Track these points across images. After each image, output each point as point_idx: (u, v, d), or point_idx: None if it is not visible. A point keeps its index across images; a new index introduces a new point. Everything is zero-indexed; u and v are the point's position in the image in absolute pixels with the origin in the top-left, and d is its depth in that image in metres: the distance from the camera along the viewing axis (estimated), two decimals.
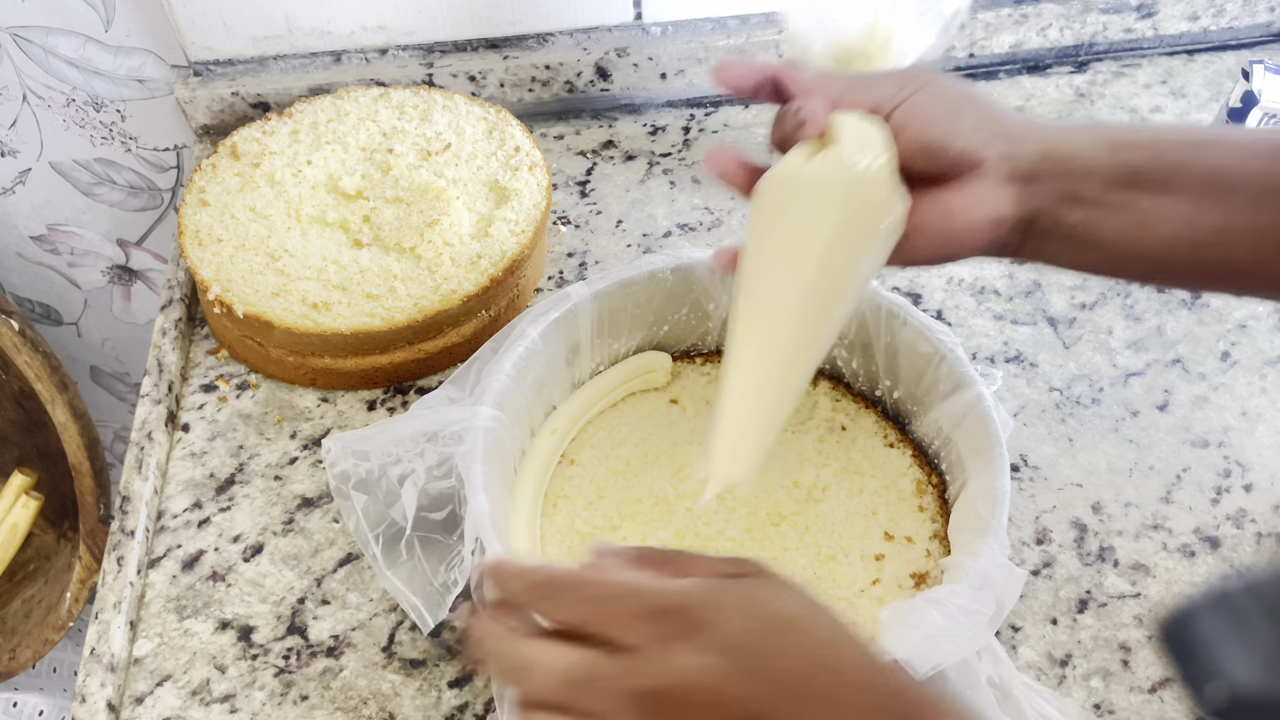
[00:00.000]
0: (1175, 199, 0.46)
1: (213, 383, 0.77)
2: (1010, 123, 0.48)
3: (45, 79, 0.90)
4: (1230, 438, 0.71)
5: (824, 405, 0.69)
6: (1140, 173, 0.46)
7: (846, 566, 0.62)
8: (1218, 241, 0.46)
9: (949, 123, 0.47)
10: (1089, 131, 0.48)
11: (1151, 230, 0.47)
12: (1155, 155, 0.46)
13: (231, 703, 0.62)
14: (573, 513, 0.65)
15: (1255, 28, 0.95)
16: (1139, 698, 0.60)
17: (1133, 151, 0.47)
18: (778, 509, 0.64)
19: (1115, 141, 0.47)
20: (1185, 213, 0.46)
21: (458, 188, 0.78)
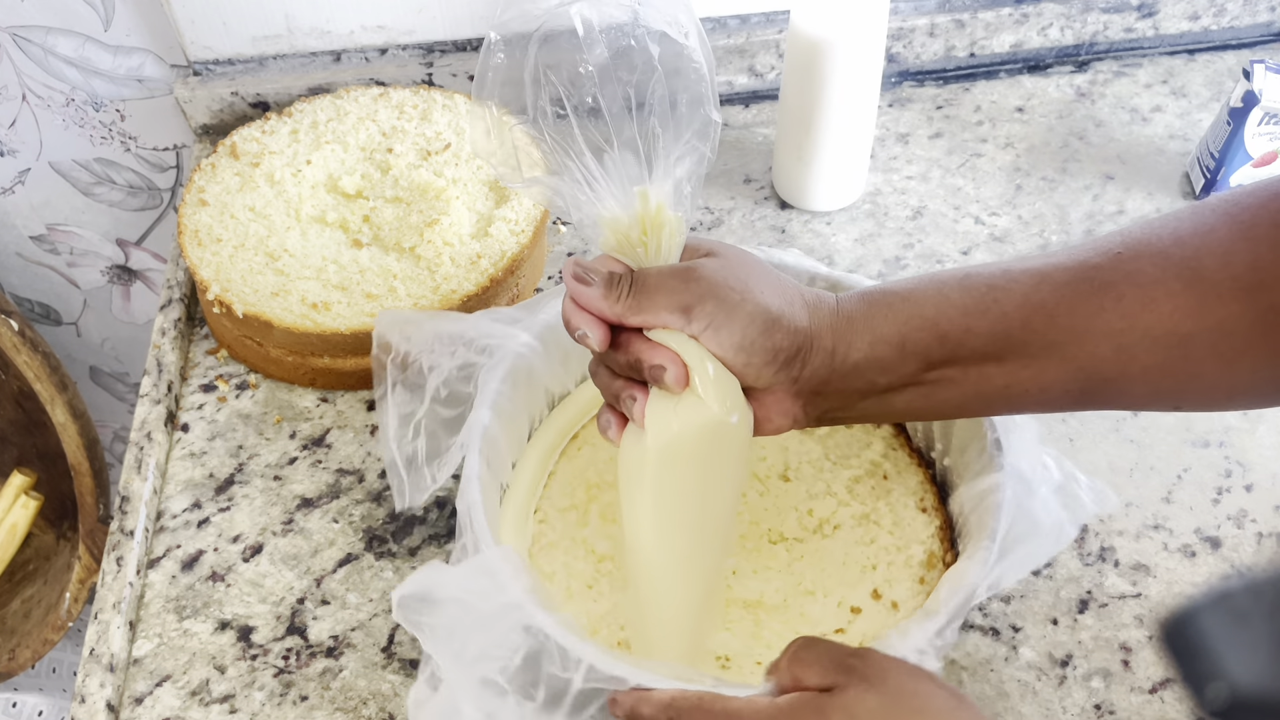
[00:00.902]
0: (959, 371, 0.49)
1: (212, 383, 0.77)
2: (795, 338, 0.49)
3: (45, 79, 0.90)
4: (1231, 438, 0.71)
5: (876, 448, 0.66)
6: (928, 361, 0.49)
7: (820, 606, 0.60)
8: (1002, 400, 0.49)
9: (745, 355, 0.48)
10: (877, 324, 0.49)
11: (943, 401, 0.50)
12: (940, 336, 0.48)
13: (231, 703, 0.62)
14: (593, 458, 0.65)
15: (1256, 27, 0.95)
16: (1140, 698, 0.60)
17: (919, 339, 0.48)
18: (781, 529, 0.63)
19: (902, 336, 0.48)
20: (971, 382, 0.49)
21: (457, 187, 0.78)
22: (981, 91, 0.93)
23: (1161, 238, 0.46)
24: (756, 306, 0.48)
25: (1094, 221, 0.83)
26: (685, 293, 0.48)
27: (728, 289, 0.48)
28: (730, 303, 0.48)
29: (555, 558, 0.62)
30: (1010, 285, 0.48)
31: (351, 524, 0.69)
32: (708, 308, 0.48)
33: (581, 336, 0.49)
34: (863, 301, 0.50)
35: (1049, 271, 0.48)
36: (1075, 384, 0.48)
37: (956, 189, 0.86)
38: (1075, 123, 0.90)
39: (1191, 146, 0.88)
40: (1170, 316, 0.45)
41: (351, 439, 0.73)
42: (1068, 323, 0.47)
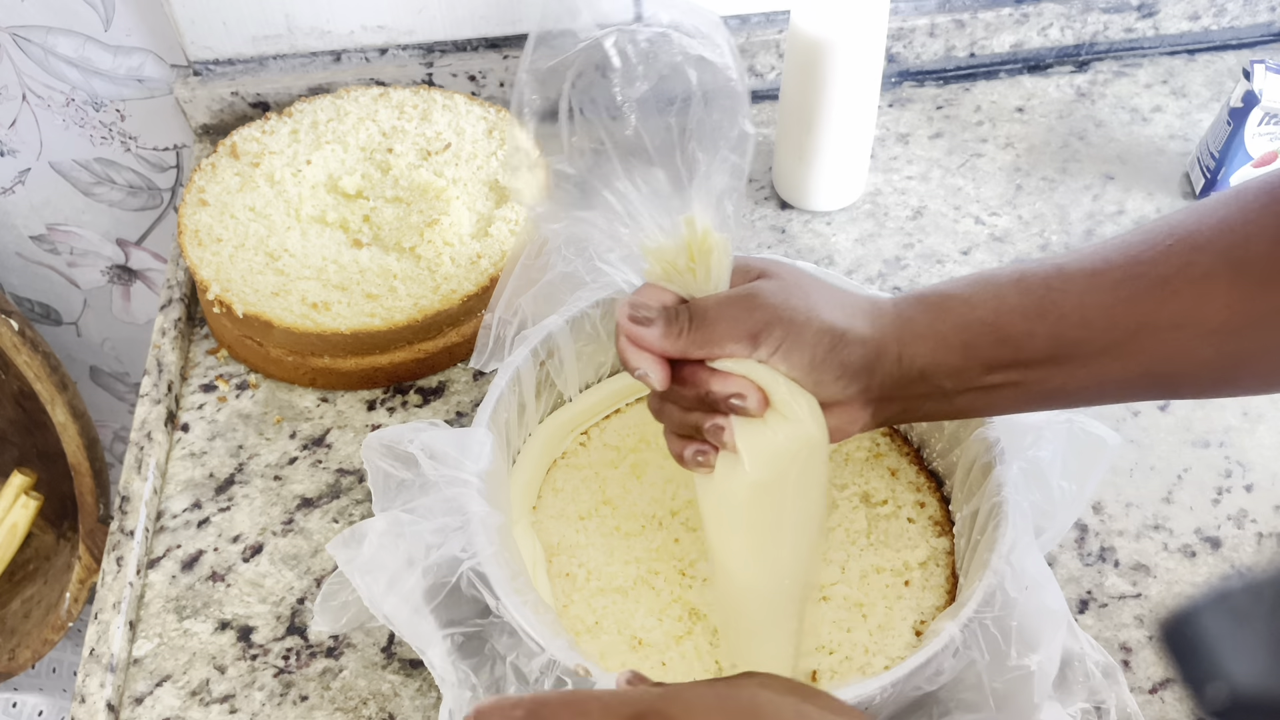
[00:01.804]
0: (1021, 374, 0.49)
1: (212, 383, 0.77)
2: (863, 347, 0.48)
3: (45, 79, 0.90)
4: (1231, 438, 0.71)
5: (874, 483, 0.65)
6: (989, 362, 0.49)
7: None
8: (1060, 396, 0.50)
9: (816, 371, 0.48)
10: (941, 327, 0.49)
11: (1003, 401, 0.50)
12: (1001, 342, 0.48)
13: (231, 703, 0.62)
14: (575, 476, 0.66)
15: (1256, 27, 0.95)
16: (1140, 698, 0.60)
17: (981, 342, 0.48)
18: None
19: (966, 340, 0.49)
20: (1032, 384, 0.49)
21: (458, 187, 0.78)
22: (981, 91, 0.93)
23: (1210, 226, 0.47)
24: (822, 324, 0.48)
25: (1094, 221, 0.83)
26: (749, 320, 0.47)
27: (791, 310, 0.48)
28: (796, 324, 0.47)
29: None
30: (1066, 286, 0.48)
31: (351, 524, 0.69)
32: (775, 333, 0.47)
33: (642, 376, 0.49)
34: (921, 305, 0.50)
35: (1103, 269, 0.48)
36: (1134, 380, 0.48)
37: (957, 189, 0.86)
38: (1075, 123, 0.90)
39: (1192, 146, 0.88)
40: (1225, 309, 0.45)
41: (351, 439, 0.73)
42: (1125, 321, 0.47)
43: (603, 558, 0.62)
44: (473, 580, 0.53)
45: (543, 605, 0.54)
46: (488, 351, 0.65)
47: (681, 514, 0.64)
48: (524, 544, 0.62)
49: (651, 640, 0.59)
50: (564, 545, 0.63)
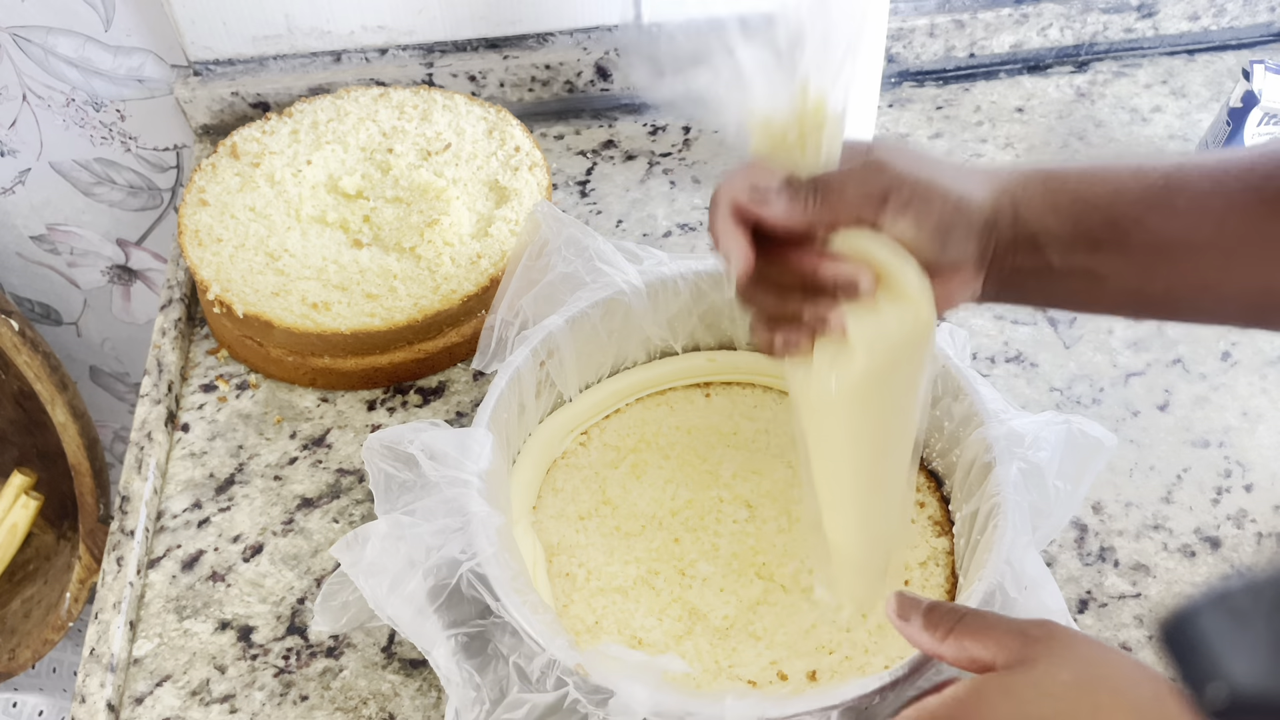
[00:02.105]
0: (1126, 263, 0.48)
1: (212, 383, 0.77)
2: (981, 207, 0.48)
3: (45, 79, 0.90)
4: (1231, 438, 0.71)
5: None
6: (1097, 241, 0.48)
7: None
8: (1163, 301, 0.49)
9: (938, 234, 0.47)
10: (1052, 195, 0.48)
11: (1104, 292, 0.49)
12: (1110, 223, 0.47)
13: (231, 703, 0.62)
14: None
15: (1256, 27, 0.95)
16: None
17: (1091, 218, 0.48)
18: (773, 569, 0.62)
19: (1077, 213, 0.48)
20: (1133, 278, 0.48)
21: (458, 187, 0.78)
22: (981, 92, 0.93)
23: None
24: (947, 187, 0.47)
25: None
26: (878, 182, 0.46)
27: (916, 173, 0.46)
28: (923, 185, 0.46)
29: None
30: (1184, 184, 0.47)
31: (352, 524, 0.69)
32: (904, 192, 0.46)
33: (727, 254, 0.47)
34: (1039, 175, 0.49)
35: (1221, 176, 0.47)
36: (1234, 295, 0.47)
37: None
38: (1075, 123, 0.90)
39: (1191, 146, 0.88)
40: None
41: (352, 439, 0.73)
42: (1239, 228, 0.46)
43: (603, 558, 0.62)
44: (473, 581, 0.53)
45: (542, 605, 0.54)
46: (490, 353, 0.65)
47: (681, 514, 0.64)
48: (524, 544, 0.62)
49: (651, 640, 0.59)
50: (564, 545, 0.63)
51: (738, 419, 0.69)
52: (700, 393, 0.70)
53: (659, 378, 0.70)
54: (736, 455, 0.66)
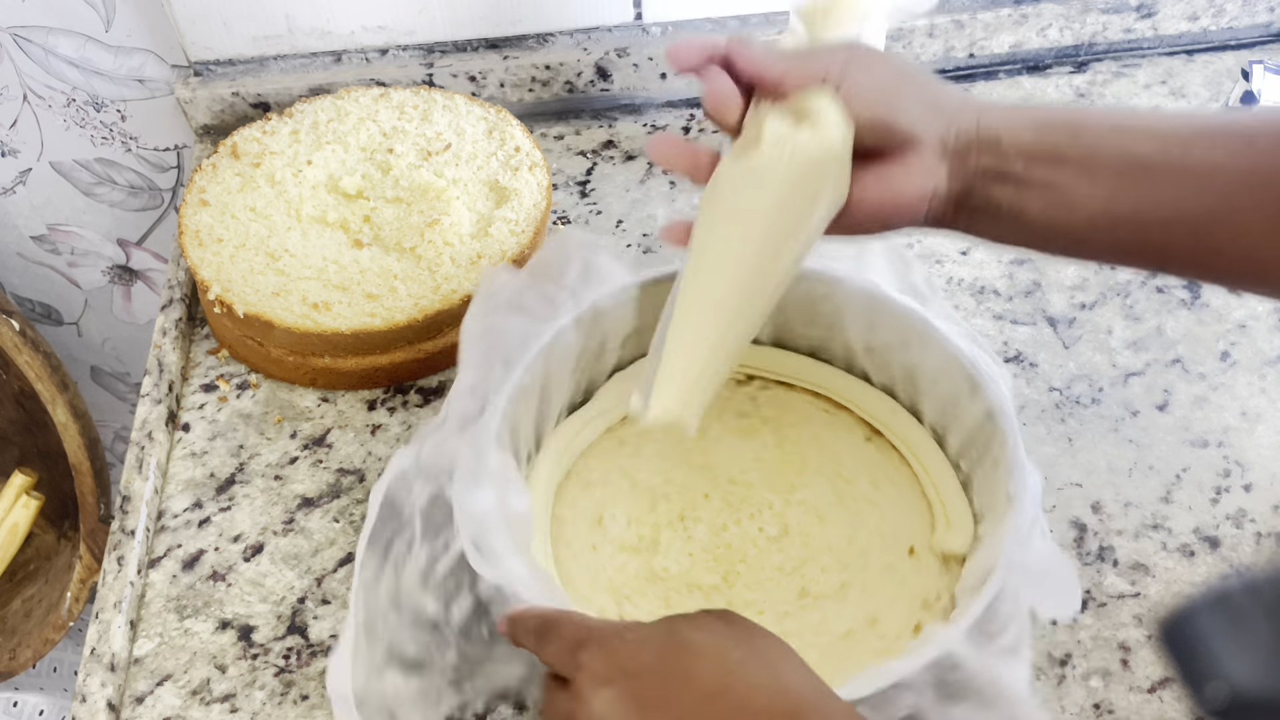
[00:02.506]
0: (1094, 180, 0.48)
1: (213, 382, 0.77)
2: (946, 100, 0.50)
3: (45, 79, 0.90)
4: (1230, 438, 0.71)
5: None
6: (1062, 153, 0.49)
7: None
8: (1132, 223, 0.49)
9: (893, 99, 0.49)
10: (1018, 111, 0.50)
11: (1072, 210, 0.49)
12: (1075, 136, 0.49)
13: (232, 702, 0.62)
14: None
15: (1255, 28, 0.95)
16: (1139, 697, 0.61)
17: (1056, 131, 0.49)
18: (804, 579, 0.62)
19: (1040, 121, 0.49)
20: (1102, 195, 0.48)
21: (458, 188, 0.78)
22: (981, 92, 0.93)
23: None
24: (914, 72, 0.50)
25: None
26: (846, 50, 0.49)
27: (889, 59, 0.50)
28: (890, 64, 0.50)
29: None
30: (1149, 118, 0.49)
31: (352, 524, 0.69)
32: (866, 60, 0.49)
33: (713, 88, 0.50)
34: (1007, 102, 0.52)
35: (1187, 120, 0.49)
36: (1187, 230, 0.48)
37: None
38: None
39: None
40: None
41: (352, 439, 0.73)
42: (1204, 157, 0.47)
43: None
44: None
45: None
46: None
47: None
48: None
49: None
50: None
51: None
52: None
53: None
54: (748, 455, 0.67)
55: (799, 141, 0.48)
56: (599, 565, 0.62)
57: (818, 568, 0.61)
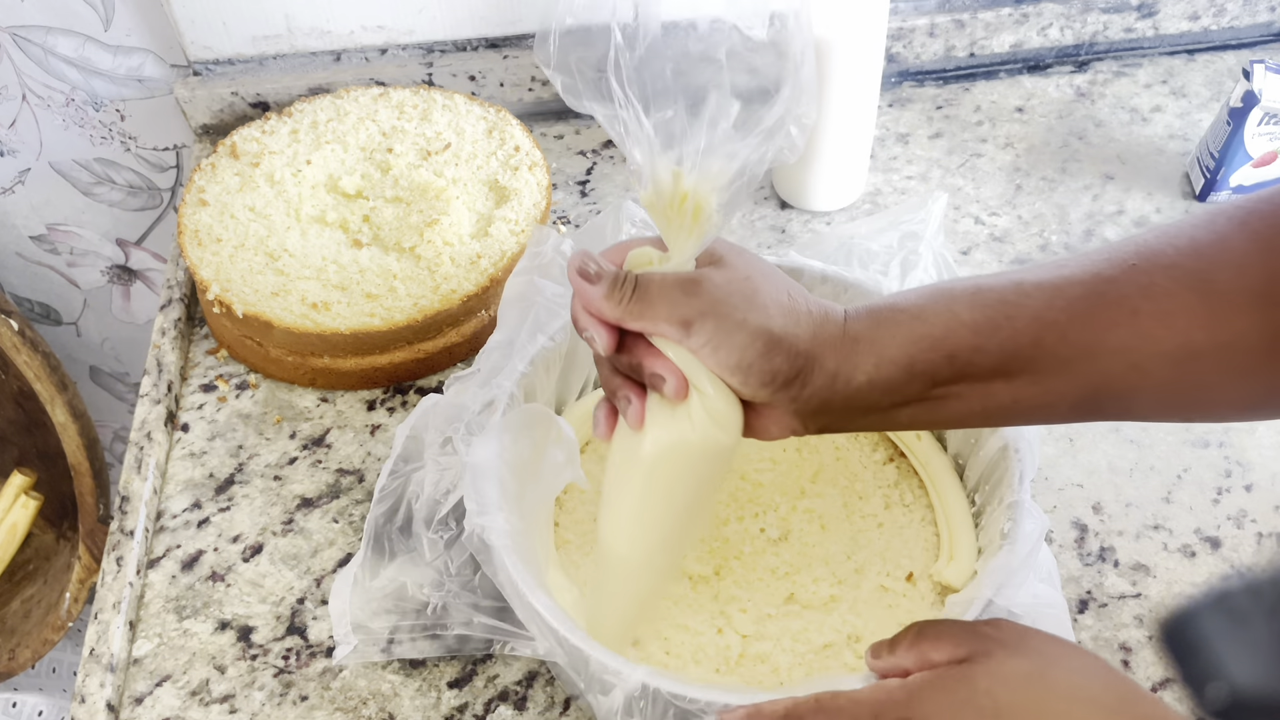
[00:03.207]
0: (966, 389, 0.48)
1: (212, 383, 0.77)
2: (783, 352, 0.47)
3: (45, 78, 0.90)
4: (1231, 438, 0.71)
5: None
6: (935, 380, 0.48)
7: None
8: (1008, 414, 0.49)
9: (737, 373, 0.47)
10: (882, 344, 0.48)
11: (941, 417, 0.49)
12: (947, 358, 0.47)
13: (231, 703, 0.62)
14: None
15: (1256, 27, 0.95)
16: None
17: (926, 360, 0.47)
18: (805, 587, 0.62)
19: (911, 358, 0.47)
20: (977, 398, 0.48)
21: (457, 187, 0.78)
22: (981, 91, 0.93)
23: (1177, 248, 0.45)
24: (758, 327, 0.47)
25: (1094, 221, 0.83)
26: (686, 306, 0.47)
27: (730, 306, 0.47)
28: (731, 321, 0.47)
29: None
30: (1023, 300, 0.47)
31: (351, 524, 0.69)
32: (708, 325, 0.47)
33: (589, 338, 0.49)
34: (870, 320, 0.48)
35: (1062, 285, 0.47)
36: (1084, 399, 0.47)
37: (956, 189, 0.86)
38: (1075, 123, 0.90)
39: (1191, 146, 0.88)
40: (1184, 331, 0.44)
41: (351, 439, 0.73)
42: (1080, 339, 0.46)
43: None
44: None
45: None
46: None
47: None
48: None
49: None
50: None
51: None
52: None
53: None
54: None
55: (680, 436, 0.49)
56: (593, 532, 0.63)
57: (810, 577, 0.61)
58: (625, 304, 0.48)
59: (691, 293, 0.47)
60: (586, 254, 0.48)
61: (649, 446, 0.49)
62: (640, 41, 0.46)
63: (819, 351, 0.48)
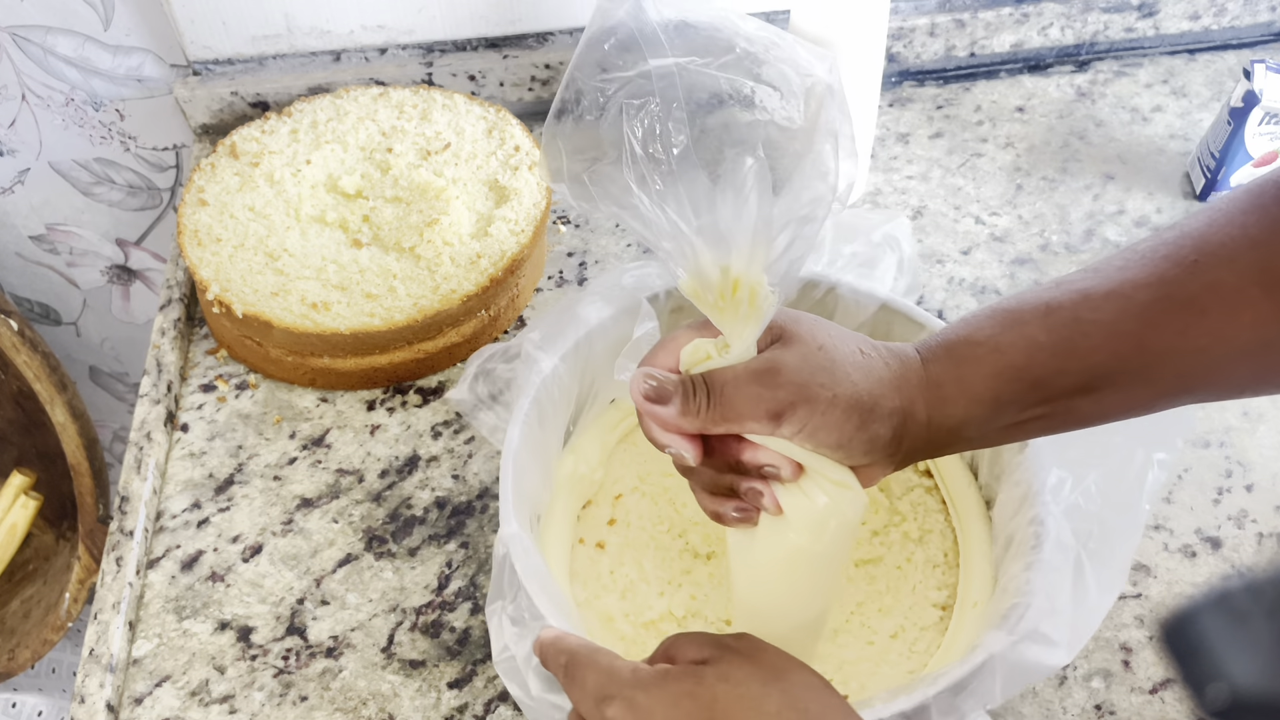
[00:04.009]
0: (1049, 409, 0.48)
1: (212, 383, 0.77)
2: (880, 416, 0.47)
3: (44, 78, 0.90)
4: (1231, 438, 0.71)
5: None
6: (1020, 407, 0.47)
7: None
8: (1089, 420, 0.49)
9: (839, 450, 0.47)
10: (967, 382, 0.47)
11: (1024, 435, 0.49)
12: (1031, 386, 0.47)
13: (230, 703, 0.62)
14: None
15: (1256, 27, 0.95)
16: (1140, 698, 0.60)
17: (1012, 391, 0.47)
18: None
19: (996, 392, 0.47)
20: (1059, 416, 0.48)
21: (457, 187, 0.78)
22: (982, 91, 0.93)
23: (1234, 239, 0.45)
24: (849, 400, 0.46)
25: (1094, 221, 0.83)
26: (771, 399, 0.45)
27: (815, 386, 0.45)
28: (821, 402, 0.45)
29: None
30: (1095, 315, 0.46)
31: (351, 524, 0.69)
32: (798, 413, 0.45)
33: (674, 455, 0.48)
34: (949, 358, 0.48)
35: (1129, 292, 0.46)
36: (1166, 398, 0.48)
37: (957, 189, 0.86)
38: (1075, 122, 0.90)
39: (1192, 146, 0.88)
40: (1253, 326, 0.44)
41: (351, 439, 0.73)
42: (1156, 346, 0.46)
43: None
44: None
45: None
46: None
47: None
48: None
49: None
50: None
51: None
52: None
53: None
54: None
55: (821, 513, 0.48)
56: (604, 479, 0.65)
57: None
58: (705, 413, 0.46)
59: (771, 384, 0.46)
60: (646, 373, 0.47)
61: (797, 531, 0.48)
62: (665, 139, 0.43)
63: (909, 405, 0.47)
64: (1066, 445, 0.56)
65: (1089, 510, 0.55)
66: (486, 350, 0.64)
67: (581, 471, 0.65)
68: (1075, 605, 0.52)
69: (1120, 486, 0.55)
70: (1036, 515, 0.55)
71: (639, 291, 0.63)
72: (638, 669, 0.44)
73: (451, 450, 0.72)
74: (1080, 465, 0.56)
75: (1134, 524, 0.54)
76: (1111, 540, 0.54)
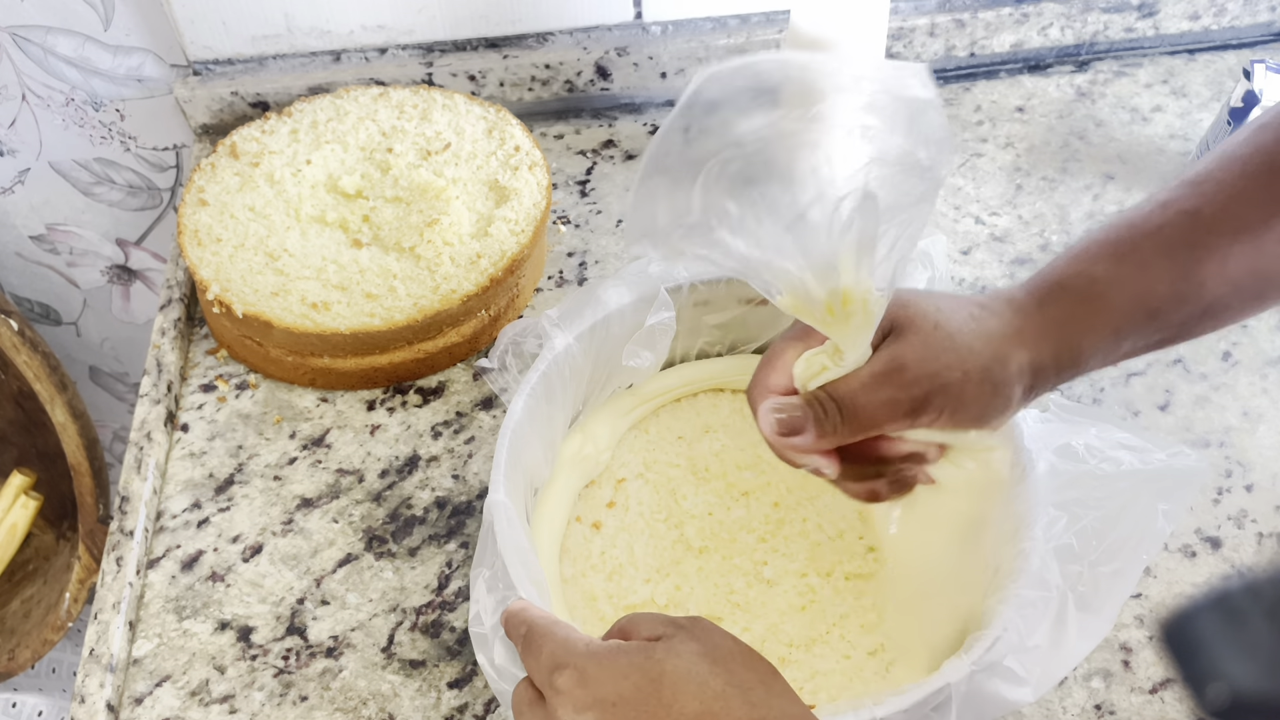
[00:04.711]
0: (1171, 334, 0.49)
1: (212, 383, 0.77)
2: (1011, 377, 0.47)
3: (44, 78, 0.90)
4: (1231, 438, 0.71)
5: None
6: (1141, 336, 0.49)
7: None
8: (1199, 335, 0.51)
9: (980, 422, 0.47)
10: (1091, 320, 0.48)
11: (1139, 354, 0.51)
12: (1151, 315, 0.48)
13: (231, 703, 0.62)
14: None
15: (1256, 27, 0.95)
16: (1140, 698, 0.60)
17: (1134, 324, 0.48)
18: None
19: (1118, 327, 0.48)
20: (1176, 338, 0.50)
21: (457, 187, 0.78)
22: (982, 91, 0.93)
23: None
24: (980, 373, 0.45)
25: (1094, 221, 0.83)
26: (906, 397, 0.45)
27: (944, 370, 0.45)
28: (954, 384, 0.45)
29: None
30: (1209, 241, 0.47)
31: (351, 524, 0.69)
32: (933, 403, 0.45)
33: (815, 470, 0.48)
34: (1067, 298, 0.47)
35: (1244, 214, 0.47)
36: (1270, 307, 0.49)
37: (957, 189, 0.86)
38: (1075, 122, 0.90)
39: (1192, 146, 0.88)
40: None
41: (351, 439, 0.73)
42: (1273, 273, 0.47)
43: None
44: None
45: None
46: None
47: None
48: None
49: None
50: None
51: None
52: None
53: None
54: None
55: (974, 477, 0.50)
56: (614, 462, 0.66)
57: (798, 575, 0.62)
58: (840, 430, 0.46)
59: (900, 382, 0.45)
60: (773, 406, 0.47)
61: (953, 498, 0.50)
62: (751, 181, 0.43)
63: (1035, 355, 0.47)
64: (1067, 485, 0.56)
65: (1082, 553, 0.54)
66: (519, 324, 0.64)
67: (587, 451, 0.65)
68: (1052, 645, 0.51)
69: (1118, 532, 0.55)
70: (1023, 549, 0.53)
71: (663, 281, 0.64)
72: (591, 642, 0.44)
73: (451, 450, 0.72)
74: (1079, 505, 0.55)
75: (1128, 573, 0.54)
76: (1101, 586, 0.53)
